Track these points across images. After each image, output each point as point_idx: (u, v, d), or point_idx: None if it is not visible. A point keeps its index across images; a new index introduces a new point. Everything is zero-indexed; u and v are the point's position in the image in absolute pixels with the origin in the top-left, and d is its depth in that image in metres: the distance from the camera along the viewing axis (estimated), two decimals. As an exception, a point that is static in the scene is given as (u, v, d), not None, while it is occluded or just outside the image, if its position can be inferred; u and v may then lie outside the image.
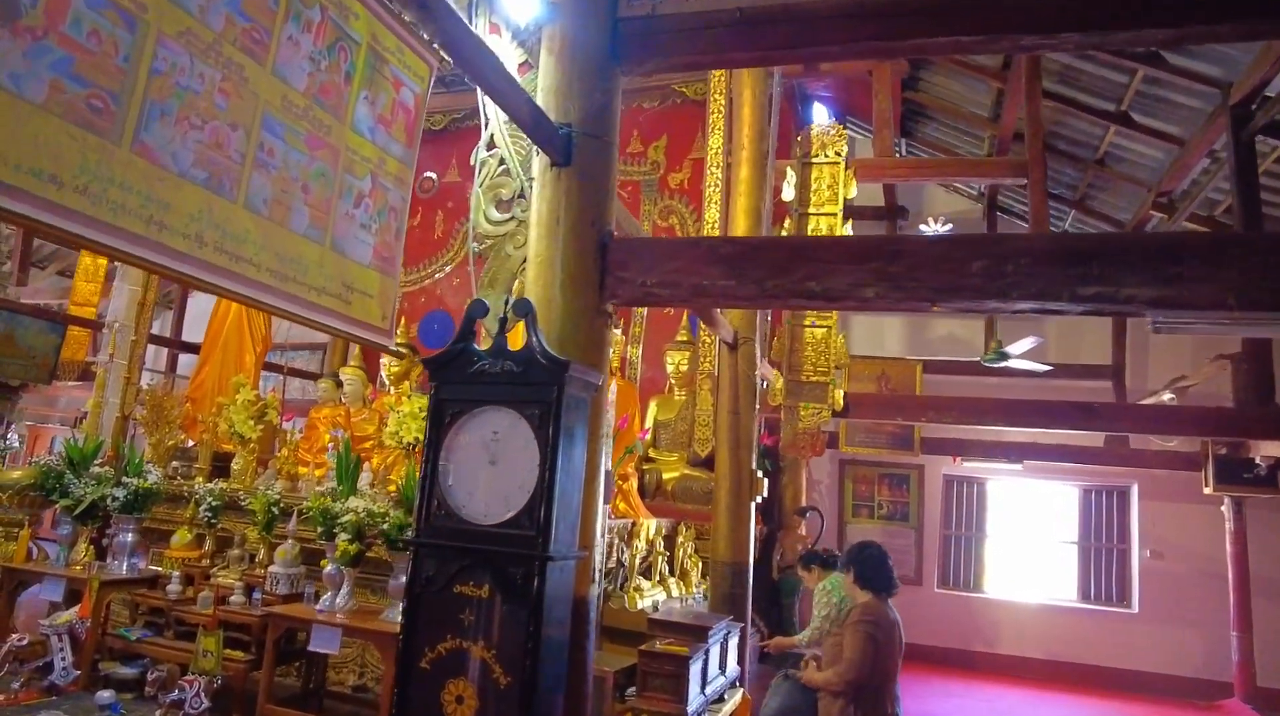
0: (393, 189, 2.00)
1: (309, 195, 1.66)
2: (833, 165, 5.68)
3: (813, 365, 5.33)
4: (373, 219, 1.92)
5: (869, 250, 2.49)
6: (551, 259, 2.69)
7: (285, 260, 1.57)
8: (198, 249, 1.35)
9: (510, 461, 2.39)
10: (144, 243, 1.27)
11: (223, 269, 1.42)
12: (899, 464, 8.95)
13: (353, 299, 1.86)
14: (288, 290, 1.59)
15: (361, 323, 1.94)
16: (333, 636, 4.30)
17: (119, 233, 1.24)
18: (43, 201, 1.20)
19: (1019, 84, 6.29)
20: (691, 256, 2.63)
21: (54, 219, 1.22)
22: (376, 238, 1.96)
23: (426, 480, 2.46)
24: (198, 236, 1.35)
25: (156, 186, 1.29)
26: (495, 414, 2.43)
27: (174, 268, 1.32)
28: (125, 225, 1.24)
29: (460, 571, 2.36)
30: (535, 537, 2.28)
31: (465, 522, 2.39)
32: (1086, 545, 8.80)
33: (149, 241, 1.28)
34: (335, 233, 1.76)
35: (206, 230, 1.37)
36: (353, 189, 1.83)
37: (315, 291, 1.71)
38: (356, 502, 4.54)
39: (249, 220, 1.46)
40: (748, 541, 5.41)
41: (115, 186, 1.25)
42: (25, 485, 5.42)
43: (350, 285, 1.85)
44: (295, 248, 1.62)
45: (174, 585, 4.99)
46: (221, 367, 6.91)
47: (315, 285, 1.70)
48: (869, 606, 3.18)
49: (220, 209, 1.40)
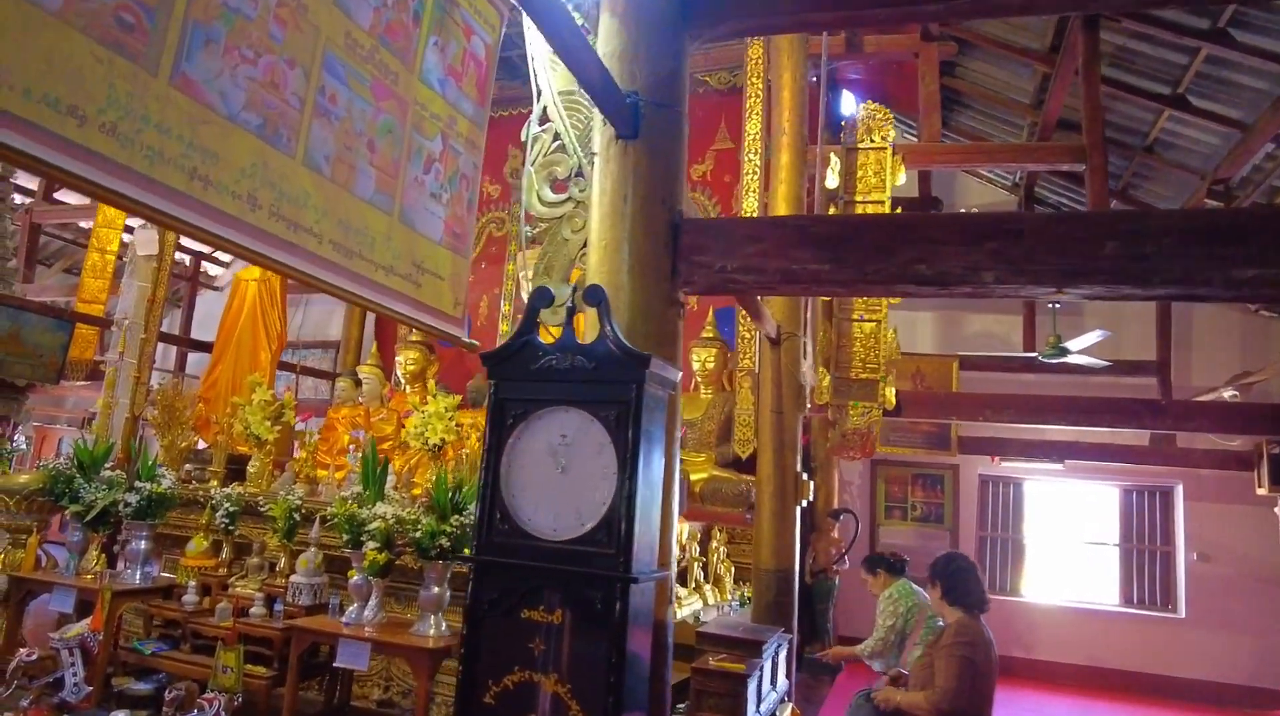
0: (464, 153, 1.72)
1: (375, 155, 1.39)
2: (879, 150, 5.41)
3: (861, 361, 5.05)
4: (443, 187, 1.64)
5: (986, 229, 2.21)
6: (617, 242, 2.41)
7: (350, 231, 1.30)
8: (250, 212, 1.08)
9: (581, 468, 2.11)
10: (185, 201, 1.00)
11: (279, 239, 1.15)
12: (933, 464, 8.66)
13: (423, 281, 1.58)
14: (353, 268, 1.32)
15: (432, 309, 1.66)
16: (361, 651, 4.03)
17: (155, 187, 0.96)
18: (60, 140, 0.92)
19: (1069, 66, 5.99)
20: (778, 238, 2.35)
21: (74, 164, 0.94)
22: (448, 210, 1.69)
23: (487, 489, 2.18)
24: (250, 197, 1.08)
25: (201, 131, 1.02)
26: (564, 415, 2.15)
27: (222, 235, 1.05)
28: (163, 178, 0.97)
29: (528, 593, 2.08)
30: (615, 556, 2.00)
31: (532, 538, 2.11)
32: (1128, 547, 8.49)
33: (191, 200, 1.01)
34: (404, 201, 1.49)
35: (260, 189, 1.10)
36: (422, 151, 1.55)
37: (383, 270, 1.43)
38: (385, 509, 4.27)
39: (308, 180, 1.19)
40: (793, 547, 5.13)
41: (151, 127, 0.98)
42: (33, 489, 5.16)
43: (420, 264, 1.57)
44: (361, 217, 1.34)
45: (190, 595, 4.73)
46: (235, 366, 6.65)
47: (383, 263, 1.43)
48: (963, 626, 2.90)
49: (276, 164, 1.13)
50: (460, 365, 8.59)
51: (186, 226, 1.03)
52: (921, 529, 8.73)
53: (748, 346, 5.51)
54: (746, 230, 2.39)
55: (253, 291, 6.83)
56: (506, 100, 9.00)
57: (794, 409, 5.19)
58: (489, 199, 9.05)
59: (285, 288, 7.10)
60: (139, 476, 5.05)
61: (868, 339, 5.09)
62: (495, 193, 9.01)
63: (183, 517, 5.58)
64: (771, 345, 5.13)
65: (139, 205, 1.00)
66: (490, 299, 8.83)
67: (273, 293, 6.84)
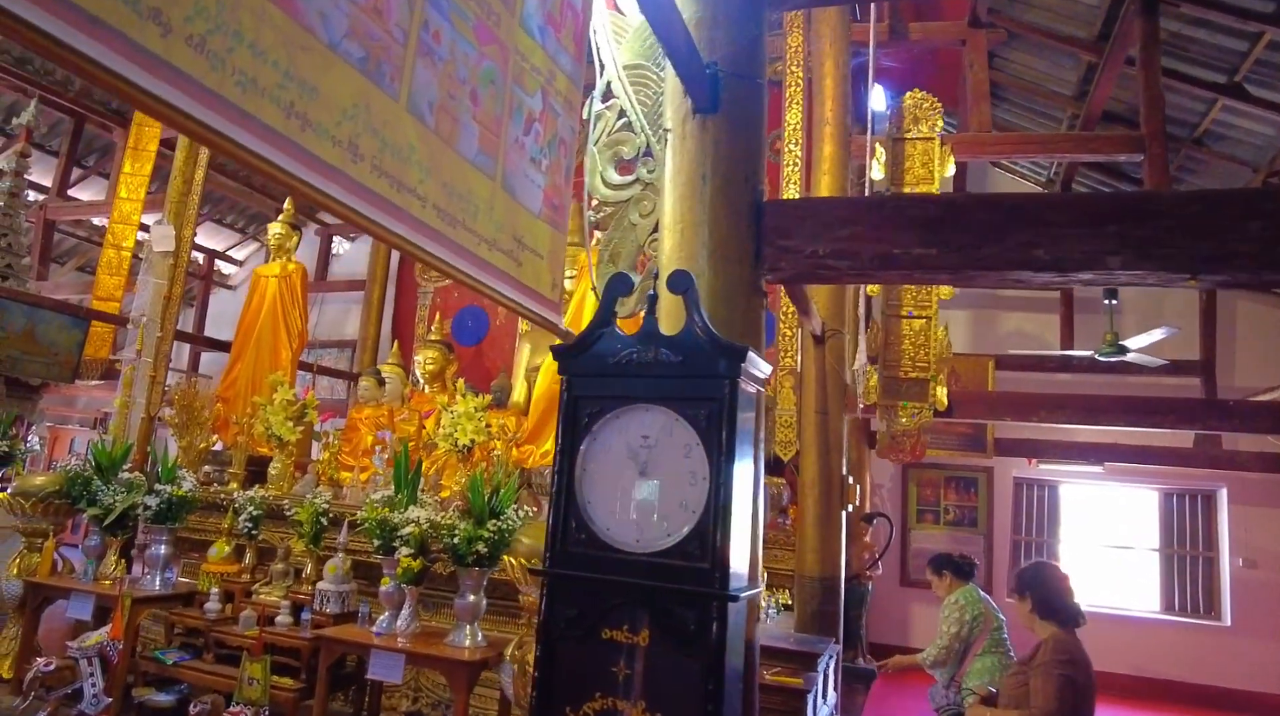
0: (563, 115, 1.52)
1: (478, 107, 1.19)
2: (927, 140, 5.19)
3: (911, 359, 4.83)
4: (543, 152, 1.44)
5: (1110, 210, 2.00)
6: (694, 225, 2.21)
7: (453, 196, 1.10)
8: (351, 163, 0.89)
9: (666, 472, 1.91)
10: (281, 143, 0.81)
11: (382, 199, 0.95)
12: (967, 467, 8.42)
13: (524, 258, 1.38)
14: (457, 239, 1.12)
15: (532, 291, 1.46)
16: (395, 663, 3.84)
17: (249, 122, 0.77)
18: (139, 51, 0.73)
19: (1120, 54, 5.77)
20: (874, 220, 2.14)
21: (156, 83, 0.75)
22: (547, 179, 1.49)
23: (560, 495, 1.98)
24: (351, 144, 0.89)
25: (300, 59, 0.83)
26: (645, 414, 1.95)
27: (322, 188, 0.86)
28: (256, 111, 0.78)
29: (609, 612, 1.88)
30: (710, 571, 1.80)
31: (612, 550, 1.91)
32: (1169, 552, 8.24)
33: (288, 143, 0.82)
34: (506, 165, 1.29)
35: (362, 136, 0.90)
36: (523, 107, 1.35)
37: (486, 244, 1.24)
38: (418, 513, 4.07)
39: (413, 130, 1.00)
40: (839, 553, 4.92)
41: (244, 46, 0.79)
42: (50, 492, 4.97)
43: (520, 239, 1.37)
44: (464, 179, 1.15)
45: (212, 603, 4.54)
46: (255, 365, 6.47)
47: (486, 235, 1.23)
48: (1061, 643, 2.69)
49: (380, 107, 0.94)
50: (479, 365, 8.41)
51: (283, 174, 0.83)
52: (955, 533, 8.49)
53: (789, 344, 5.30)
54: (840, 211, 2.18)
55: (273, 288, 6.65)
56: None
57: (839, 410, 4.98)
58: (508, 195, 8.88)
59: (306, 284, 6.92)
60: (159, 478, 4.87)
61: (917, 336, 4.86)
62: (515, 189, 8.82)
63: (201, 521, 5.40)
64: (816, 343, 4.93)
65: (230, 143, 0.80)
66: (510, 297, 8.65)
67: (293, 289, 6.65)
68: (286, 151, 0.81)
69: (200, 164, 6.82)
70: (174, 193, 6.71)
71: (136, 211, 7.75)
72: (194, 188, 6.80)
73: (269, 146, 0.80)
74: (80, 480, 4.98)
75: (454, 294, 8.96)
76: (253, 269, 10.56)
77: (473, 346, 8.67)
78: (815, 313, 4.69)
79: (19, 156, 7.21)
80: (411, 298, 9.04)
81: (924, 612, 8.23)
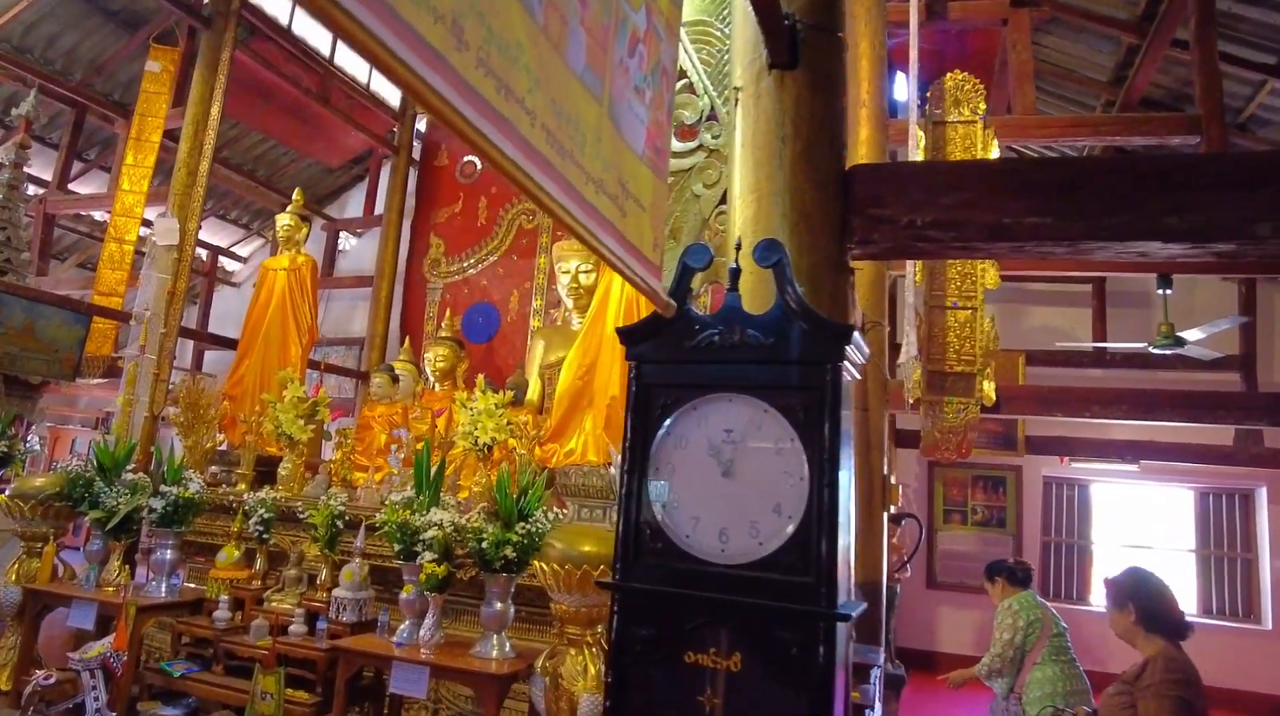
0: (665, 40, 1.28)
1: (586, 11, 0.95)
2: (969, 124, 4.95)
3: (956, 353, 4.59)
4: (646, 81, 1.20)
5: (1262, 170, 1.75)
6: (772, 193, 1.97)
7: (562, 118, 0.87)
8: (455, 49, 0.66)
9: (754, 472, 1.67)
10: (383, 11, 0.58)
11: (487, 103, 0.72)
12: (995, 465, 8.18)
13: (628, 208, 1.13)
14: (565, 173, 0.88)
15: (634, 248, 1.21)
16: (418, 677, 3.59)
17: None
18: None
19: (1166, 35, 5.53)
20: (983, 186, 1.89)
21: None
22: (649, 113, 1.24)
23: (630, 498, 1.74)
24: (455, 24, 0.65)
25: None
26: (728, 404, 1.71)
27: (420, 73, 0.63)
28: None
29: (692, 632, 1.64)
30: (815, 586, 1.55)
31: (695, 561, 1.66)
32: (1205, 553, 7.99)
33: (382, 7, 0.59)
34: (612, 89, 1.04)
35: (467, 17, 0.67)
36: (627, 23, 1.11)
37: (593, 185, 0.99)
38: (441, 515, 3.82)
39: (520, 22, 0.77)
40: (881, 557, 4.66)
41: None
42: (50, 494, 4.73)
43: (625, 184, 1.13)
44: (572, 98, 0.91)
45: (222, 611, 4.29)
46: (263, 361, 6.22)
47: (593, 174, 0.99)
48: (1173, 662, 2.45)
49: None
50: (490, 362, 8.16)
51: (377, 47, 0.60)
52: (983, 533, 8.25)
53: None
54: (944, 177, 1.94)
55: (281, 281, 6.40)
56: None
57: (879, 405, 4.73)
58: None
59: (316, 277, 6.68)
60: (164, 480, 4.63)
61: (962, 328, 4.62)
62: (525, 181, 8.59)
63: (209, 523, 5.15)
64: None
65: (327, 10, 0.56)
66: (521, 293, 8.42)
67: (302, 282, 6.40)
68: (383, 19, 0.58)
69: (205, 155, 6.58)
70: (178, 184, 6.47)
71: (139, 204, 7.52)
72: (199, 179, 6.55)
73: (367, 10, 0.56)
74: (82, 481, 4.74)
75: (463, 290, 8.73)
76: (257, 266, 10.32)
77: (483, 343, 8.43)
78: (856, 302, 4.44)
79: (18, 148, 6.98)
80: (420, 294, 8.80)
81: (951, 616, 7.99)
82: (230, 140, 9.84)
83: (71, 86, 8.22)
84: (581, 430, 5.08)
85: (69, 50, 8.35)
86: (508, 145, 0.75)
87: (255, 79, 7.66)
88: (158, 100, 7.47)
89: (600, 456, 4.89)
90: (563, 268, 6.55)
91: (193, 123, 6.55)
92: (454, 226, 8.85)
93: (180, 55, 7.45)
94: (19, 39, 7.97)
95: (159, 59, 7.53)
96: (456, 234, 8.80)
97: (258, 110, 8.47)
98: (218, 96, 6.62)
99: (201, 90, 6.60)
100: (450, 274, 8.73)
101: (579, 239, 1.02)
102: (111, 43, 8.44)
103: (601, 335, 5.32)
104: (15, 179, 6.80)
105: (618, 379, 5.14)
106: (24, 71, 7.72)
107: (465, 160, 8.99)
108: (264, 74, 7.60)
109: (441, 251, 8.90)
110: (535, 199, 0.84)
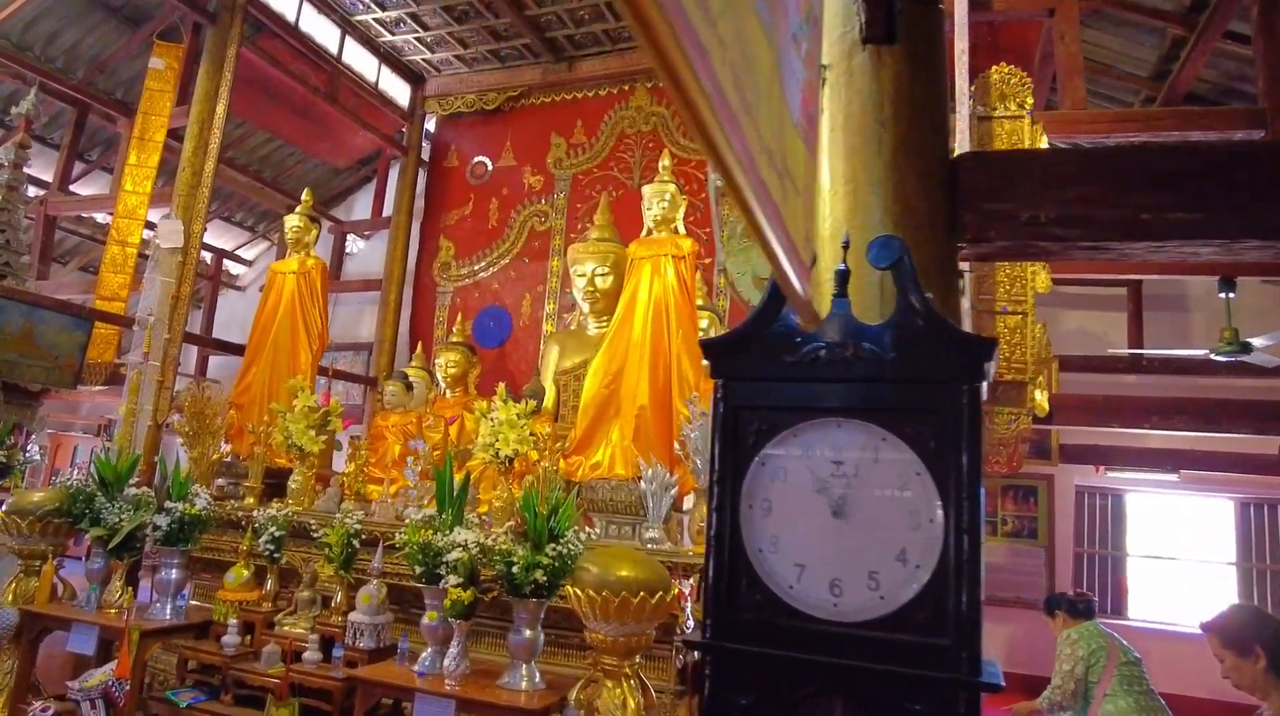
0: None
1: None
2: (1015, 120, 4.69)
3: (1007, 360, 4.33)
4: (802, 27, 0.95)
5: None
6: (869, 183, 1.72)
7: (745, 59, 0.63)
8: None
9: (872, 511, 1.41)
10: None
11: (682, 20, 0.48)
12: (1026, 474, 7.92)
13: (786, 189, 0.89)
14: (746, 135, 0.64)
15: (792, 243, 0.96)
16: (444, 711, 3.33)
17: None
18: None
19: (1219, 25, 5.27)
20: (1117, 176, 1.64)
21: None
22: (804, 70, 0.99)
23: (721, 541, 1.48)
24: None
25: None
26: (837, 430, 1.45)
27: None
28: None
29: (801, 701, 1.38)
30: (953, 650, 1.30)
31: (802, 617, 1.41)
32: (1247, 566, 7.72)
33: None
34: (779, 34, 0.80)
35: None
36: (785, -47, 0.88)
37: (765, 154, 0.75)
38: (465, 535, 3.57)
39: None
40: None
41: None
42: (48, 510, 4.47)
43: (785, 158, 0.88)
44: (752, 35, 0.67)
45: (230, 636, 4.04)
46: (272, 369, 5.97)
47: (766, 140, 0.74)
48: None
49: None
50: (502, 367, 7.92)
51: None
52: (1014, 545, 7.98)
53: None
54: (1071, 165, 1.69)
55: (290, 285, 6.15)
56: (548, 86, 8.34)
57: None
58: (531, 190, 8.41)
59: (326, 281, 6.43)
60: (169, 495, 4.38)
61: (1012, 334, 4.36)
62: (538, 183, 8.36)
63: (215, 539, 4.89)
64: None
65: None
66: (533, 297, 8.19)
67: (312, 286, 6.16)
68: None
69: (210, 155, 6.35)
70: (182, 185, 6.24)
71: (142, 205, 7.27)
72: (203, 180, 6.32)
73: None
74: (82, 497, 4.49)
75: (474, 294, 8.51)
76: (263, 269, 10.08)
77: (495, 348, 8.19)
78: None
79: (18, 148, 6.75)
80: (429, 298, 8.56)
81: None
82: (235, 140, 9.61)
83: (73, 85, 7.98)
84: (609, 441, 4.83)
85: (70, 47, 8.12)
86: (704, 74, 0.51)
87: (261, 77, 7.43)
88: (161, 99, 7.23)
89: (629, 470, 4.63)
90: (578, 270, 6.30)
91: (197, 122, 6.32)
92: (464, 228, 8.62)
93: (185, 52, 7.22)
94: (19, 36, 7.74)
95: (163, 56, 7.29)
96: (467, 236, 8.57)
97: (264, 109, 8.23)
98: (223, 95, 6.40)
99: (206, 88, 6.37)
100: (460, 277, 8.50)
101: (748, 221, 0.77)
102: (114, 40, 8.21)
103: (629, 340, 5.07)
104: (15, 180, 6.58)
105: (645, 387, 4.88)
106: (24, 69, 7.50)
107: (475, 161, 8.75)
108: (270, 72, 7.37)
109: (451, 254, 8.68)
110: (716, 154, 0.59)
